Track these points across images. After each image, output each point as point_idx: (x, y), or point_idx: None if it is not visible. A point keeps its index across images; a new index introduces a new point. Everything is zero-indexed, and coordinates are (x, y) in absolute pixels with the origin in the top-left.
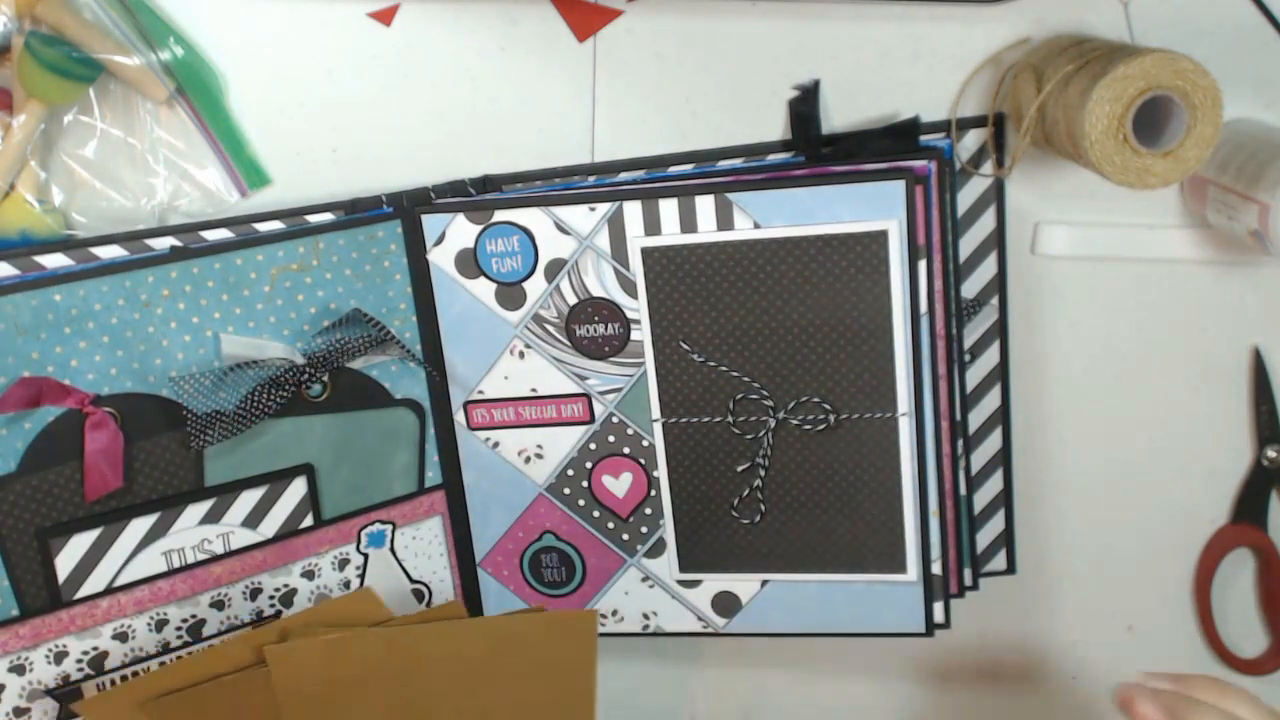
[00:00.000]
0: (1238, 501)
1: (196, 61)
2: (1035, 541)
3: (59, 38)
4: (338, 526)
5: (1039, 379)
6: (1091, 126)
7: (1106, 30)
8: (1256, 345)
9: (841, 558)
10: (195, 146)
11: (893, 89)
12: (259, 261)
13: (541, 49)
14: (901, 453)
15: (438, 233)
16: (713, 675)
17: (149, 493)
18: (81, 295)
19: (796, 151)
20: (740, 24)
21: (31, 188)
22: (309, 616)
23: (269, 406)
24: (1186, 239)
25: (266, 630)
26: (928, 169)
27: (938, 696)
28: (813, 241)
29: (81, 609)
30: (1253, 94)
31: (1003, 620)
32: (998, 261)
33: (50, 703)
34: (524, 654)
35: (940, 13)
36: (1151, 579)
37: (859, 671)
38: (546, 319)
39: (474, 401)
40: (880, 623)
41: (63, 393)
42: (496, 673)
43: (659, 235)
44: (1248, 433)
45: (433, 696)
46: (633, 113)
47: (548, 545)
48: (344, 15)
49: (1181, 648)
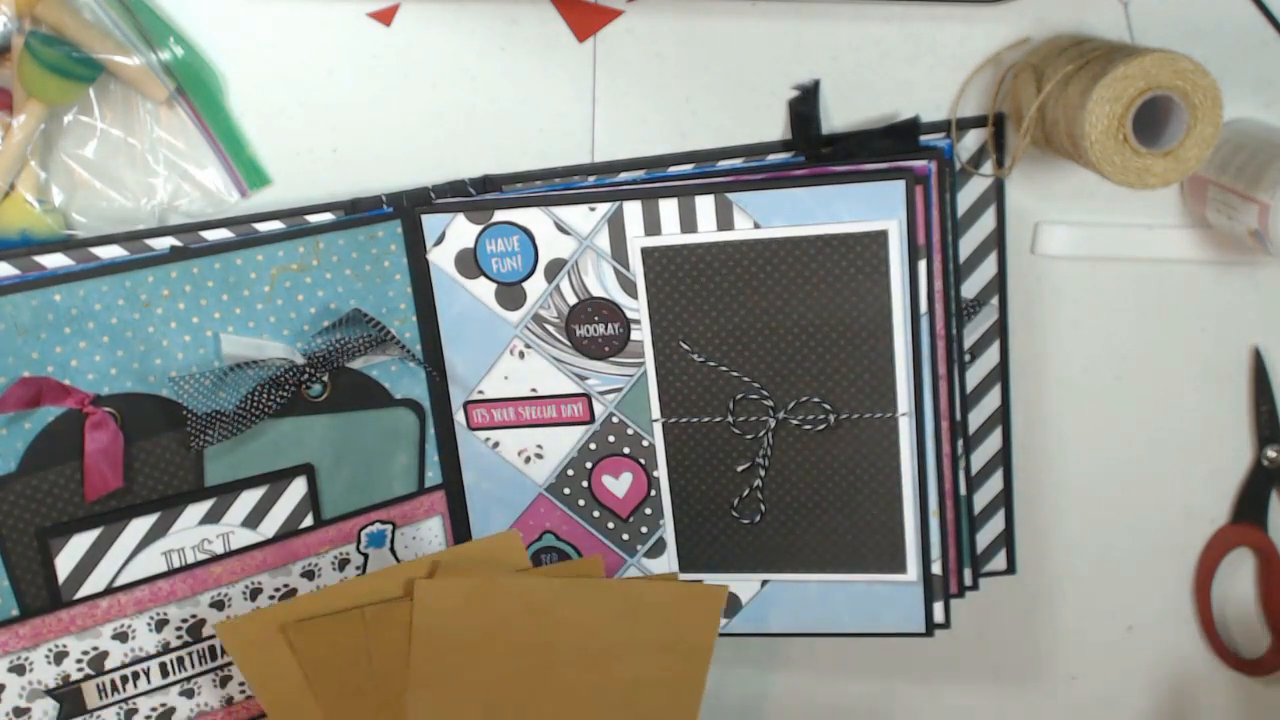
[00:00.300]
0: (1238, 501)
1: (196, 61)
2: (1035, 541)
3: (59, 38)
4: (338, 526)
5: (1039, 379)
6: (1091, 126)
7: (1106, 30)
8: (1256, 345)
9: (841, 558)
10: (195, 146)
11: (893, 89)
12: (259, 261)
13: (541, 49)
14: (901, 453)
15: (438, 233)
16: (713, 675)
17: (149, 493)
18: (81, 295)
19: (796, 151)
20: (740, 24)
21: (31, 188)
22: (456, 554)
23: (269, 406)
24: (1186, 239)
25: (419, 563)
26: (928, 169)
27: (938, 696)
28: (813, 241)
29: (81, 609)
30: (1253, 94)
31: (1003, 620)
32: (998, 261)
33: (50, 703)
34: (648, 622)
35: (940, 13)
36: (1151, 579)
37: (859, 671)
38: (546, 319)
39: (474, 401)
40: (880, 623)
41: (63, 393)
42: (618, 638)
43: (659, 235)
44: (1248, 433)
45: (555, 652)
46: (633, 113)
47: (548, 545)
48: (344, 15)
49: (1181, 648)
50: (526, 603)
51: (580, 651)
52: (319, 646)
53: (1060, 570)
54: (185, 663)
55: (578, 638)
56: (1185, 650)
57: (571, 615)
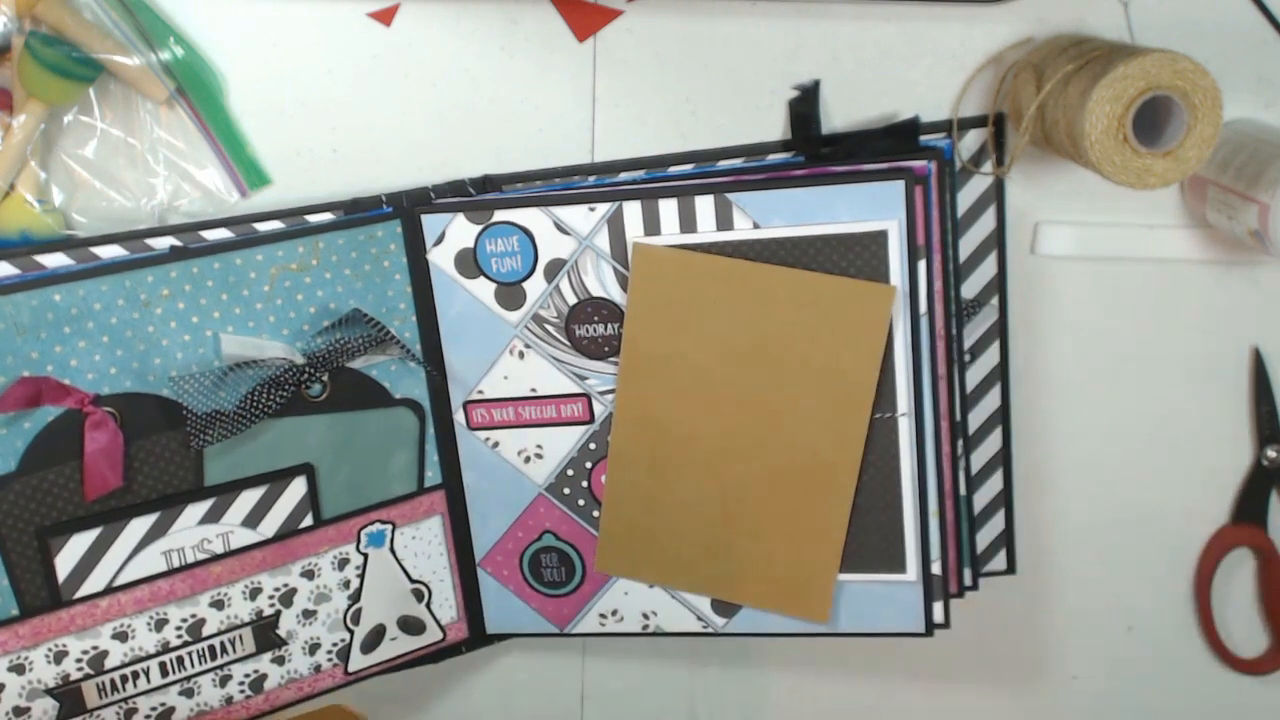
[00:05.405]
0: (1238, 501)
1: (196, 61)
2: (1035, 541)
3: (59, 38)
4: (337, 526)
5: (1039, 379)
6: (1091, 126)
7: (1106, 30)
8: (1256, 345)
9: (841, 557)
10: (195, 146)
11: (893, 89)
12: (259, 261)
13: (541, 49)
14: (901, 453)
15: (437, 233)
16: (713, 675)
17: (149, 492)
18: (81, 295)
19: (796, 151)
20: (740, 24)
21: (31, 188)
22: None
23: (269, 406)
24: (1186, 239)
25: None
26: (928, 169)
27: (938, 696)
28: (812, 241)
29: (81, 608)
30: (1253, 94)
31: (1003, 620)
32: (998, 261)
33: (50, 702)
34: (822, 312)
35: (941, 13)
36: (1151, 579)
37: (859, 671)
38: (546, 319)
39: (474, 401)
40: (880, 623)
41: (63, 392)
42: (798, 324)
43: (659, 235)
44: (1248, 433)
45: (746, 327)
46: (633, 113)
47: (547, 545)
48: (344, 15)
49: (1181, 648)
50: (733, 276)
51: (766, 330)
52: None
53: (1060, 570)
54: (185, 662)
55: (765, 317)
56: (1185, 650)
57: (763, 295)
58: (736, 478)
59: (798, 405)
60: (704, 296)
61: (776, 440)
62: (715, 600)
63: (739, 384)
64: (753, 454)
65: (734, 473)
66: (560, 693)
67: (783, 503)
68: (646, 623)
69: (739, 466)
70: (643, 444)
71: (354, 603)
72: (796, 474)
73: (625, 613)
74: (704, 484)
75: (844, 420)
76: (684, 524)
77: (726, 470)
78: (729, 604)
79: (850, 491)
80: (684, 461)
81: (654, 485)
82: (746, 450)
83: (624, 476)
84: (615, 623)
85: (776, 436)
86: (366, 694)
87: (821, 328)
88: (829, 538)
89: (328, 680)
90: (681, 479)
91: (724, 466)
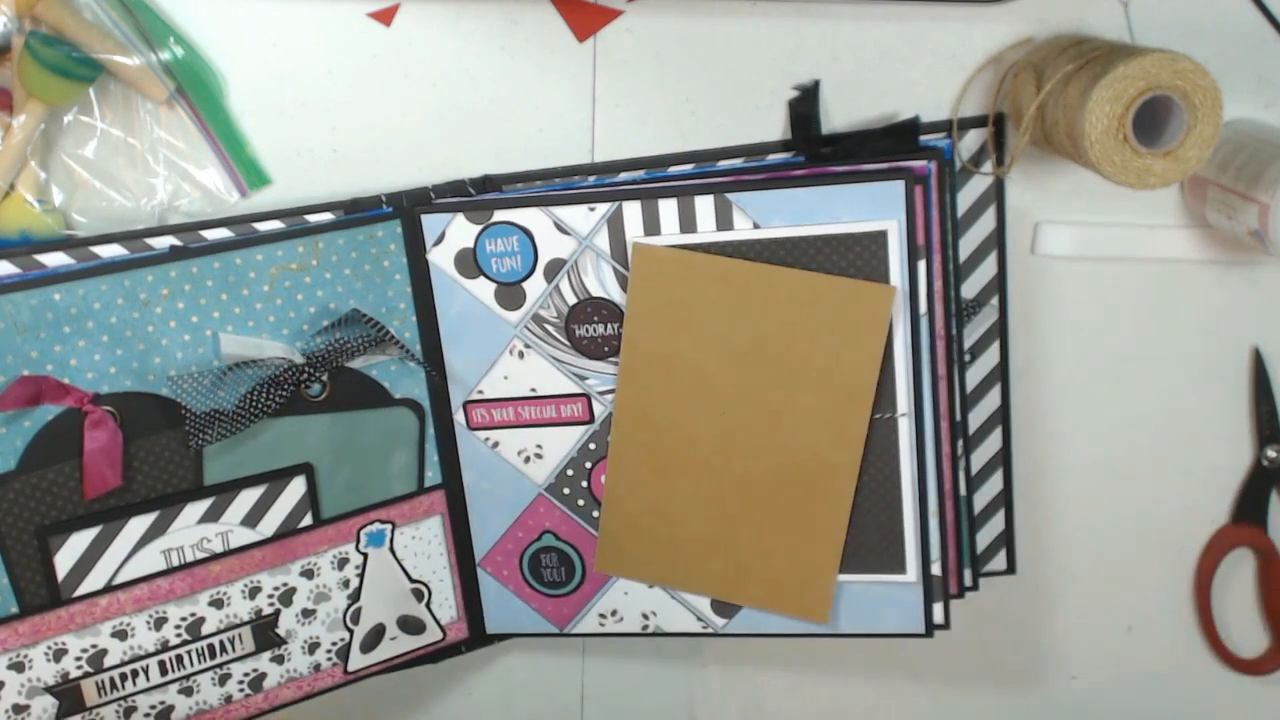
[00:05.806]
0: (1238, 501)
1: (196, 61)
2: (1035, 541)
3: (59, 38)
4: (337, 526)
5: (1039, 379)
6: (1091, 126)
7: (1106, 30)
8: (1256, 345)
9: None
10: (195, 146)
11: (893, 89)
12: (259, 261)
13: (541, 49)
14: (901, 453)
15: (437, 233)
16: (713, 675)
17: (148, 491)
18: (81, 294)
19: (796, 151)
20: (740, 24)
21: (31, 188)
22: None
23: (268, 406)
24: (1186, 239)
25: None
26: (927, 169)
27: (938, 696)
28: (812, 241)
29: (81, 607)
30: (1253, 94)
31: (1003, 620)
32: (998, 261)
33: (49, 700)
34: (822, 313)
35: (941, 13)
36: (1151, 579)
37: (859, 671)
38: (546, 319)
39: (474, 401)
40: (880, 623)
41: (62, 391)
42: (798, 324)
43: (659, 235)
44: (1248, 433)
45: (747, 327)
46: (633, 113)
47: (547, 545)
48: (344, 15)
49: (1181, 648)
50: (732, 276)
51: (764, 330)
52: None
53: (1060, 570)
54: (184, 661)
55: (764, 318)
56: (1185, 650)
57: (762, 295)
58: (736, 478)
59: (798, 405)
60: (704, 296)
61: (776, 440)
62: (715, 600)
63: (739, 384)
64: (753, 454)
65: (734, 473)
66: (560, 693)
67: (782, 503)
68: (646, 623)
69: (739, 466)
70: (643, 444)
71: (353, 602)
72: (796, 474)
73: (625, 613)
74: (704, 484)
75: (844, 420)
76: (684, 524)
77: (726, 470)
78: (729, 604)
79: (850, 492)
80: (684, 461)
81: (654, 485)
82: (746, 450)
83: (624, 476)
84: (615, 623)
85: (776, 436)
86: (366, 694)
87: (821, 328)
88: (829, 538)
89: (327, 679)
90: (681, 479)
91: (724, 466)
